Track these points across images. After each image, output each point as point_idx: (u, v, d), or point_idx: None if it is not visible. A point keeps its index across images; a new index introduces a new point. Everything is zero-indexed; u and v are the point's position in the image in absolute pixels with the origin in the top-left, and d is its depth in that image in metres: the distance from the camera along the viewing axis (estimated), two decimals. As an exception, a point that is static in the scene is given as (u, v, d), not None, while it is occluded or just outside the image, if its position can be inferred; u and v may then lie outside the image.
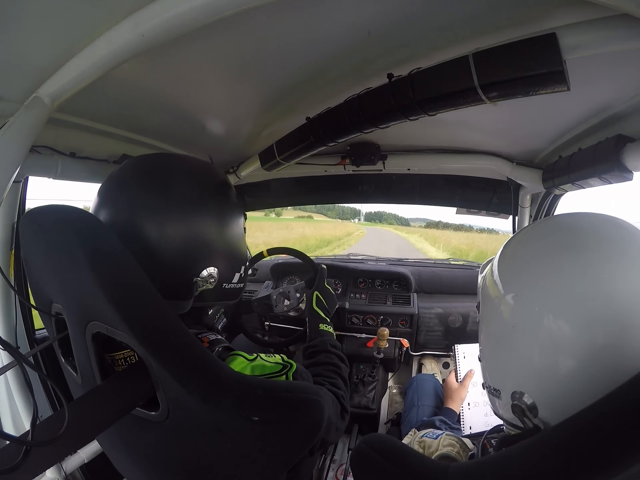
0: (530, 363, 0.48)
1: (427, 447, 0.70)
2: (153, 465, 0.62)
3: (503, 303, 0.52)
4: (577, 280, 0.46)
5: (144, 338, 0.49)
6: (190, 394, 0.48)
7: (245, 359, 0.61)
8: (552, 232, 0.54)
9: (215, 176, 0.72)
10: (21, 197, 1.02)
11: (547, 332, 0.46)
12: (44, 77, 0.68)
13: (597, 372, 0.43)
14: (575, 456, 0.32)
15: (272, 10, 0.61)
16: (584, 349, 0.43)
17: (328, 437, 0.71)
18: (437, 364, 1.76)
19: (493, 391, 0.56)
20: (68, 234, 0.53)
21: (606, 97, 0.85)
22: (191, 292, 0.65)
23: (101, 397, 0.50)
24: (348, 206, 37.70)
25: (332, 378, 0.85)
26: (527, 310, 0.49)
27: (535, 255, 0.52)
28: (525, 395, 0.48)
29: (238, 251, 0.73)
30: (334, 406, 0.75)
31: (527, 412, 0.47)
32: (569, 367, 0.45)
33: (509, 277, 0.54)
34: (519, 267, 0.54)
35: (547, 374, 0.47)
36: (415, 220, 52.39)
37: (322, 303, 1.11)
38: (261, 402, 0.51)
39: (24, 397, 1.04)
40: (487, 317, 0.58)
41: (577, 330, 0.44)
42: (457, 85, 0.63)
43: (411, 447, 0.48)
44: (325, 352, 0.94)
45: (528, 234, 0.60)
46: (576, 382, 0.44)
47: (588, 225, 0.52)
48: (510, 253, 0.58)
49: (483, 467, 0.38)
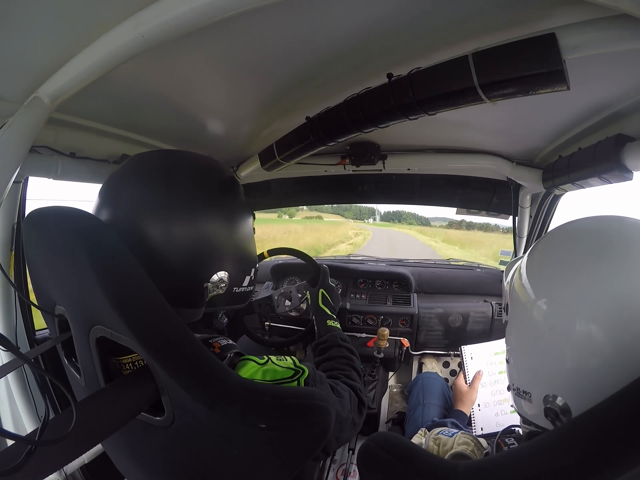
0: (565, 366, 0.49)
1: (443, 444, 0.70)
2: (157, 470, 0.61)
3: (535, 308, 0.53)
4: (608, 284, 0.47)
5: (148, 344, 0.48)
6: (197, 401, 0.47)
7: (257, 363, 0.59)
8: (580, 237, 0.55)
9: (222, 173, 0.69)
10: (21, 197, 1.02)
11: (581, 336, 0.47)
12: (43, 77, 0.68)
13: (625, 370, 0.44)
14: (585, 454, 0.32)
15: (272, 10, 0.61)
16: (615, 349, 0.45)
17: (342, 435, 0.69)
18: (437, 364, 1.76)
19: (522, 393, 0.56)
20: (70, 237, 0.52)
21: (606, 96, 0.85)
22: (202, 299, 0.62)
23: (106, 401, 0.49)
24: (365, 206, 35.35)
25: (347, 370, 0.85)
26: (561, 315, 0.50)
27: (565, 260, 0.53)
28: (559, 399, 0.49)
29: (248, 253, 0.71)
30: (352, 401, 0.74)
31: (560, 415, 0.48)
32: (602, 369, 0.46)
33: (539, 282, 0.55)
34: (549, 272, 0.54)
35: (580, 377, 0.47)
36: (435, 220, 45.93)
37: (328, 300, 1.12)
38: (268, 409, 0.50)
39: (25, 399, 1.04)
40: (518, 321, 0.58)
41: (609, 332, 0.45)
42: (456, 85, 0.63)
43: (418, 446, 0.48)
44: (336, 347, 0.95)
45: (556, 238, 0.60)
46: (607, 382, 0.45)
47: (615, 229, 0.53)
48: (538, 258, 0.59)
49: (492, 466, 0.38)
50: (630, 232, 0.52)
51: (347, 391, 0.74)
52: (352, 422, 0.73)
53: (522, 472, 0.35)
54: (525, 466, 0.35)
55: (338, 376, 0.81)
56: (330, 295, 1.13)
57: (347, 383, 0.78)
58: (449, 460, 0.40)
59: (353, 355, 0.94)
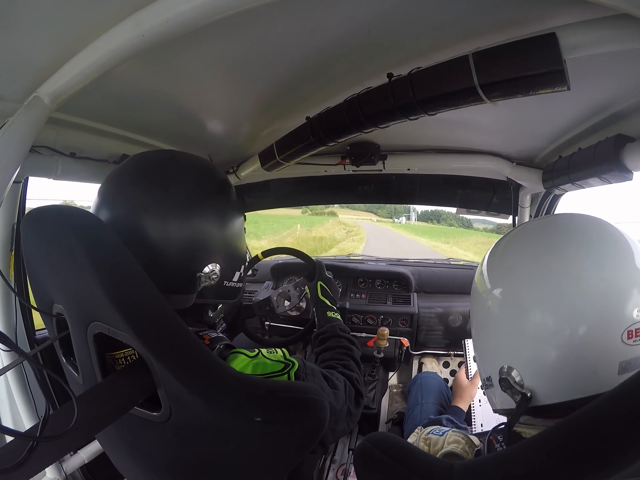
0: (517, 343, 0.52)
1: (433, 444, 0.70)
2: (154, 466, 0.62)
3: (490, 297, 0.57)
4: (558, 278, 0.50)
5: (146, 339, 0.49)
6: (193, 394, 0.48)
7: (247, 356, 0.61)
8: (535, 233, 0.59)
9: (216, 174, 0.72)
10: (21, 197, 1.02)
11: (532, 324, 0.51)
12: (43, 77, 0.68)
13: (581, 351, 0.47)
14: (579, 453, 0.32)
15: (272, 10, 0.61)
16: (565, 339, 0.48)
17: (337, 427, 0.70)
18: (437, 363, 1.76)
19: (487, 382, 0.59)
20: (68, 234, 0.52)
21: (606, 96, 0.85)
22: (194, 286, 0.65)
23: (101, 394, 0.50)
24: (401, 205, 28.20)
25: (344, 360, 0.86)
26: (513, 302, 0.54)
27: (521, 254, 0.57)
28: (514, 371, 0.52)
29: (238, 250, 0.74)
30: (347, 391, 0.75)
31: (513, 383, 0.52)
32: (553, 356, 0.49)
33: (496, 274, 0.59)
34: (507, 264, 0.58)
35: (538, 364, 0.51)
36: (474, 221, 35.70)
37: (327, 292, 1.13)
38: (263, 402, 0.50)
39: (24, 396, 1.04)
40: (475, 309, 0.63)
41: (560, 323, 0.49)
42: (457, 85, 0.63)
43: (415, 446, 0.48)
44: (335, 337, 0.96)
45: (515, 234, 0.65)
46: (563, 362, 0.49)
47: (569, 226, 0.57)
48: (499, 252, 0.62)
49: (488, 465, 0.38)
50: (582, 227, 0.55)
51: (343, 381, 0.75)
52: (347, 413, 0.73)
53: (519, 470, 0.35)
54: (523, 465, 0.35)
55: (335, 366, 0.82)
56: (328, 287, 1.14)
57: (344, 373, 0.79)
58: (446, 460, 0.40)
59: (352, 345, 0.94)
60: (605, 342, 0.46)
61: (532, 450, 0.35)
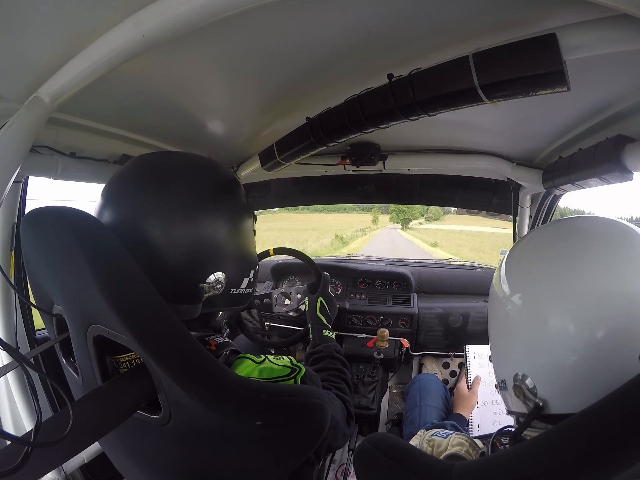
0: (538, 357, 0.51)
1: (437, 446, 0.70)
2: (154, 468, 0.61)
3: (509, 302, 0.56)
4: (578, 282, 0.49)
5: (145, 342, 0.48)
6: (193, 398, 0.47)
7: (253, 361, 0.60)
8: (558, 240, 0.58)
9: (221, 174, 0.69)
10: (21, 197, 1.02)
11: (551, 333, 0.50)
12: (44, 77, 0.68)
13: (597, 364, 0.46)
14: (581, 454, 0.32)
15: (272, 10, 0.61)
16: (585, 344, 0.47)
17: (335, 443, 0.70)
18: (437, 364, 1.75)
19: (501, 384, 0.58)
20: (68, 236, 0.52)
21: (606, 97, 0.85)
22: (199, 297, 0.62)
23: (102, 398, 0.49)
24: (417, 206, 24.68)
25: (339, 383, 0.86)
26: (533, 309, 0.53)
27: (542, 262, 0.55)
28: (528, 379, 0.52)
29: (247, 255, 0.70)
30: (342, 412, 0.75)
31: (526, 391, 0.51)
32: (572, 361, 0.48)
33: (516, 279, 0.58)
34: (526, 268, 0.57)
35: (552, 368, 0.50)
36: None
37: (326, 310, 1.12)
38: (264, 406, 0.50)
39: (25, 399, 1.04)
40: (494, 314, 0.61)
41: (580, 327, 0.47)
42: (457, 86, 0.63)
43: (414, 446, 0.48)
44: (330, 358, 0.95)
45: (533, 238, 0.64)
46: (578, 372, 0.48)
47: (588, 230, 0.56)
48: (517, 256, 0.61)
49: (488, 466, 0.38)
50: (603, 231, 0.54)
51: (338, 402, 0.75)
52: (342, 433, 0.73)
53: (519, 471, 0.35)
54: (522, 465, 0.35)
55: (329, 387, 0.82)
56: (328, 305, 1.13)
57: (338, 395, 0.79)
58: (445, 461, 0.40)
59: (345, 368, 0.95)
60: (622, 360, 0.45)
61: (533, 451, 0.35)
